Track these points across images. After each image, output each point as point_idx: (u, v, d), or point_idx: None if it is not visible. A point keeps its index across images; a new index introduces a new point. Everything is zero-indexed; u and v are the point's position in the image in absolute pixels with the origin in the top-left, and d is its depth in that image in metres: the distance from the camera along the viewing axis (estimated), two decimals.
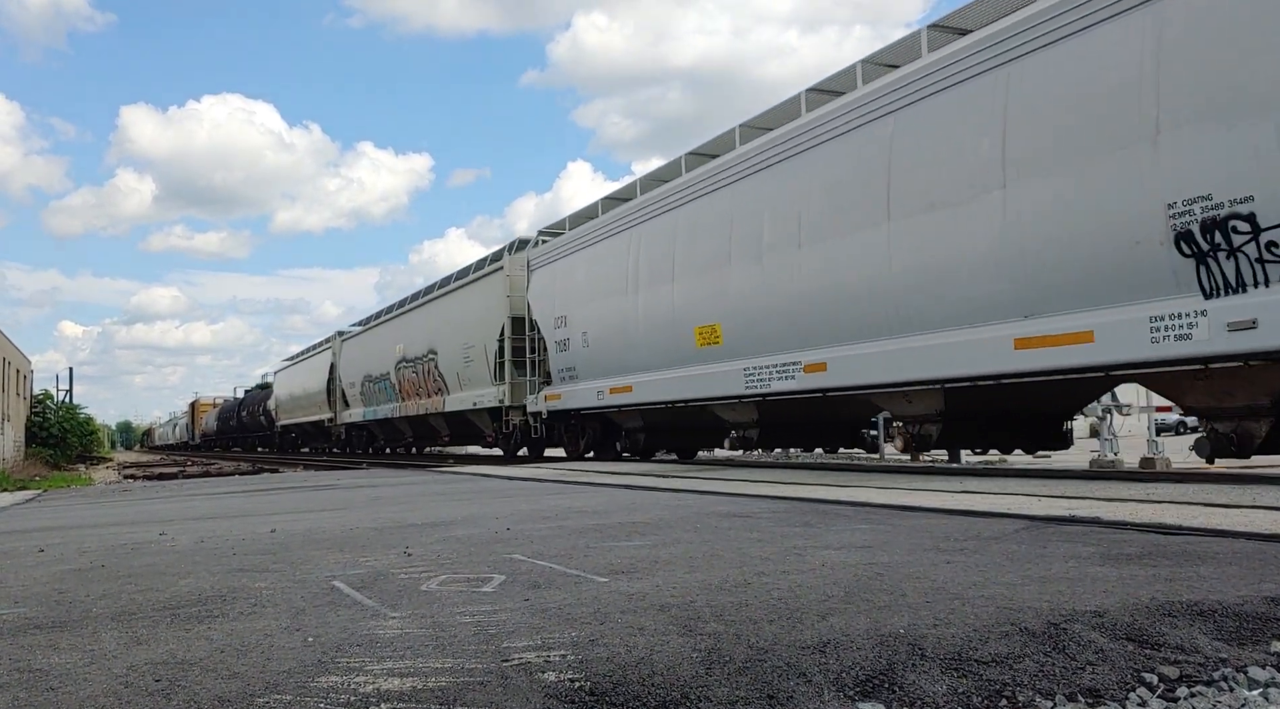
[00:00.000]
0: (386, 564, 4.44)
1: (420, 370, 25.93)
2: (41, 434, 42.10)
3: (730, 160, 13.30)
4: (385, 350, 29.33)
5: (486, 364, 21.23)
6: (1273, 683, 2.44)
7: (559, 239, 18.59)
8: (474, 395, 21.97)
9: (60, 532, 7.07)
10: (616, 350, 15.85)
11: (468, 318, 22.50)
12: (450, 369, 23.67)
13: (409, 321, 27.55)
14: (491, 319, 20.96)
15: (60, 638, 3.06)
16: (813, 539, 4.81)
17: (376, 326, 31.19)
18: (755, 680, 2.37)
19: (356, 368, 32.78)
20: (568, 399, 17.78)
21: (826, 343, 11.28)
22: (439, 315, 24.86)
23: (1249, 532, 4.41)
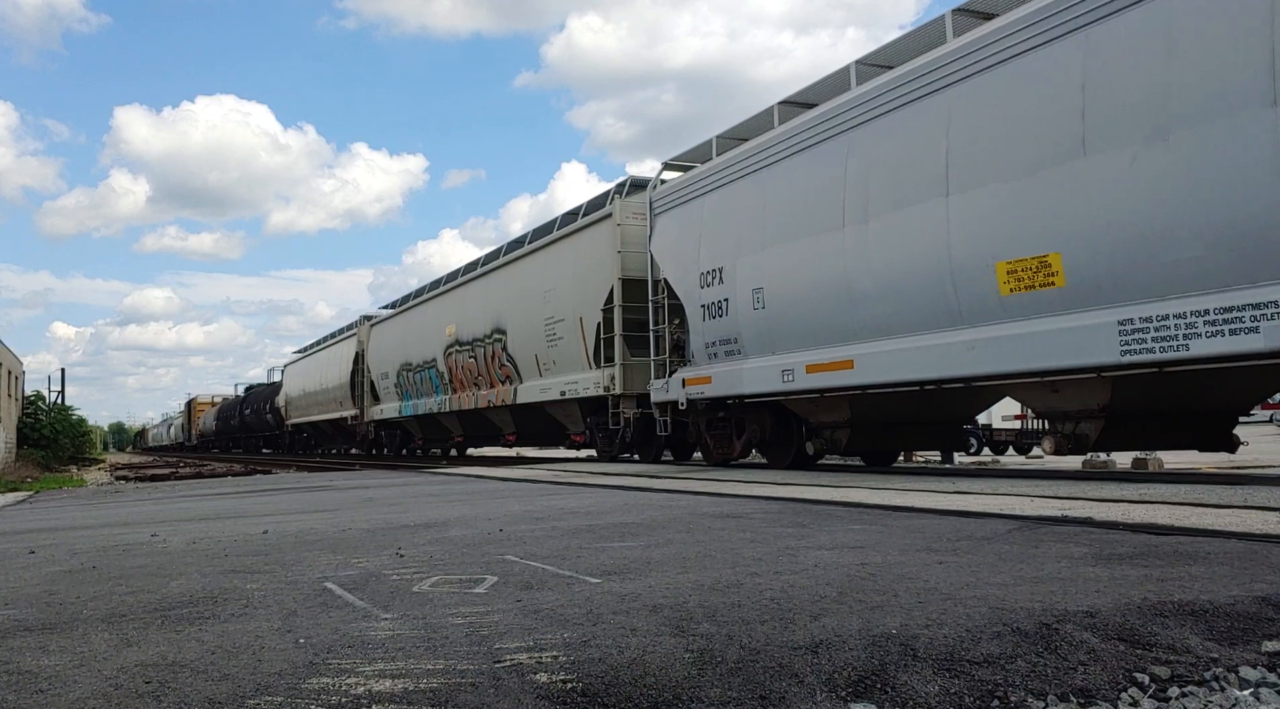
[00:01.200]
0: (379, 565, 4.43)
1: (480, 355, 21.46)
2: (33, 436, 41.94)
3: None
4: (429, 334, 24.88)
5: (582, 342, 16.70)
6: (1264, 683, 2.45)
7: (699, 170, 13.60)
8: (562, 383, 17.58)
9: (51, 533, 7.04)
10: (820, 311, 10.99)
11: (556, 285, 17.86)
12: (525, 351, 19.15)
13: (464, 297, 22.84)
14: (592, 284, 16.41)
15: (50, 640, 3.04)
16: (805, 539, 4.81)
17: (417, 306, 26.38)
18: (747, 681, 2.37)
19: (390, 356, 28.23)
20: (724, 383, 12.84)
21: None
22: (510, 285, 20.13)
23: (1241, 532, 4.42)
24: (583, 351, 16.84)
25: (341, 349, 33.54)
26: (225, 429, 60.63)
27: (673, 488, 9.19)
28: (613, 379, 15.80)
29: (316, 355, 37.71)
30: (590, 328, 16.49)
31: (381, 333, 29.73)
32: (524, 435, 22.33)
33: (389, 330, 28.97)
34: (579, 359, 16.95)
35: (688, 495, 8.18)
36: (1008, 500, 6.47)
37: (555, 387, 17.90)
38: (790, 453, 12.84)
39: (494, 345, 20.67)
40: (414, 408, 26.31)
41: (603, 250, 16.15)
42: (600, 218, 16.46)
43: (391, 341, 28.35)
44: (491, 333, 20.79)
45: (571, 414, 18.14)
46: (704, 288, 13.21)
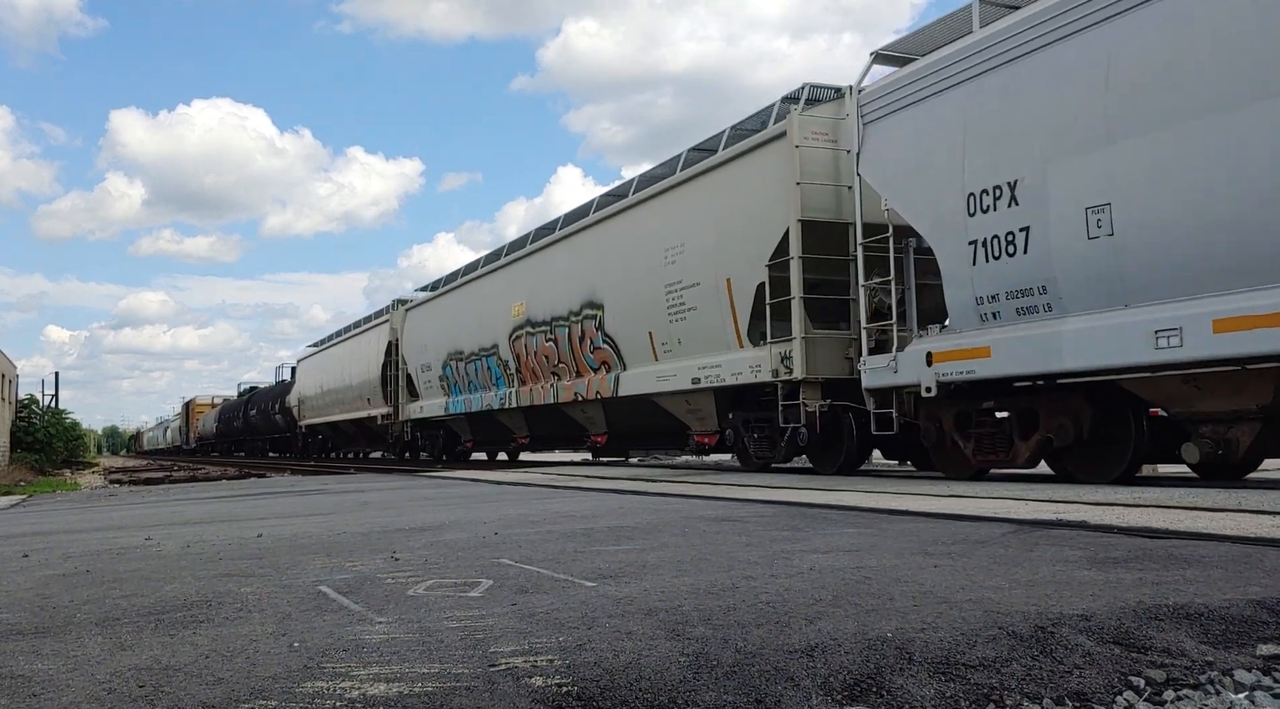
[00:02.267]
0: (373, 569, 4.42)
1: (563, 337, 17.33)
2: (27, 439, 41.85)
3: None
4: (488, 315, 20.61)
5: (730, 313, 12.63)
6: (1259, 686, 2.45)
7: (952, 50, 9.40)
8: (694, 367, 13.44)
9: (45, 537, 7.02)
10: (1237, 231, 7.01)
11: (685, 239, 13.62)
12: (632, 329, 15.08)
13: (537, 267, 18.54)
14: (748, 234, 12.16)
15: (43, 644, 3.03)
16: (800, 543, 4.81)
17: (469, 284, 22.15)
18: (743, 684, 2.36)
19: (433, 344, 24.09)
20: (1016, 354, 8.71)
21: None
22: (609, 247, 15.90)
23: (1235, 535, 4.43)
24: (729, 325, 12.64)
25: (369, 339, 29.30)
26: (227, 431, 57.36)
27: (668, 492, 9.19)
28: (786, 359, 11.41)
29: (337, 348, 33.60)
30: (744, 293, 12.26)
31: (421, 318, 25.42)
32: (619, 436, 17.83)
33: (431, 315, 24.66)
34: (721, 335, 12.83)
35: (683, 499, 8.17)
36: (1003, 504, 6.48)
37: (683, 373, 13.71)
38: (1122, 459, 8.60)
39: (584, 324, 16.49)
40: (465, 404, 22.24)
41: (769, 185, 11.79)
42: (766, 140, 11.94)
43: (434, 327, 24.17)
44: (580, 309, 16.57)
45: (701, 409, 14.06)
46: (974, 215, 9.02)
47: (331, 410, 33.79)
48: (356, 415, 30.55)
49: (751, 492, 8.68)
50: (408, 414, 26.47)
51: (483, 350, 21.11)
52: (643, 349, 14.93)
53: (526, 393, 19.21)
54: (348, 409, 31.68)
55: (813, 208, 11.32)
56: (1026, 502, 6.58)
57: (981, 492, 7.69)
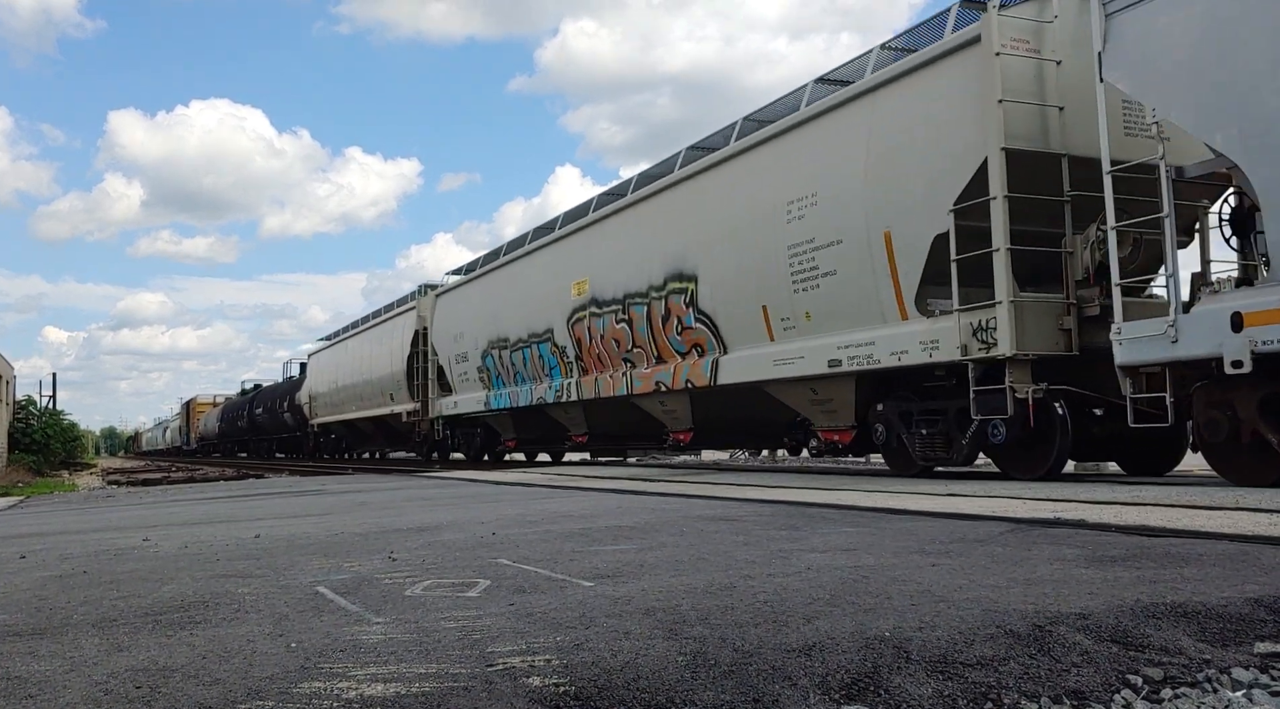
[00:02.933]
0: (371, 569, 4.41)
1: (640, 316, 14.69)
2: (24, 441, 41.81)
3: None
4: (540, 296, 18.04)
5: (890, 275, 9.97)
6: (1256, 684, 2.45)
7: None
8: (833, 346, 10.73)
9: (42, 538, 7.01)
10: None
11: (819, 186, 10.88)
12: (740, 303, 12.37)
13: (604, 237, 15.99)
14: (919, 171, 9.63)
15: (40, 645, 3.03)
16: (798, 542, 4.81)
17: (514, 261, 19.41)
18: (740, 684, 2.36)
19: (470, 332, 21.37)
20: None
21: None
22: (707, 205, 13.16)
23: (1232, 533, 4.43)
24: (885, 292, 10.00)
25: (393, 329, 26.62)
26: (230, 431, 54.57)
27: (666, 491, 9.18)
28: (984, 332, 8.90)
29: (354, 340, 30.82)
30: (913, 250, 9.65)
31: (454, 304, 22.63)
32: (709, 432, 15.13)
33: (467, 299, 21.87)
34: (872, 305, 10.19)
35: (681, 499, 8.17)
36: (1001, 502, 6.48)
37: (814, 354, 11.00)
38: None
39: (669, 300, 13.90)
40: (510, 398, 19.54)
41: (953, 107, 9.35)
42: (949, 50, 9.44)
43: (472, 313, 21.32)
44: (665, 283, 13.95)
45: (833, 399, 11.28)
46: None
47: (347, 407, 31.17)
48: (376, 412, 27.93)
49: (749, 491, 8.67)
50: (438, 410, 23.68)
51: (533, 336, 18.33)
52: (752, 327, 12.20)
53: (589, 383, 16.47)
54: (366, 406, 29.01)
55: (1016, 135, 8.82)
56: (1025, 500, 6.58)
57: (980, 490, 7.69)
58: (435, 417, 23.95)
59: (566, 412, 18.24)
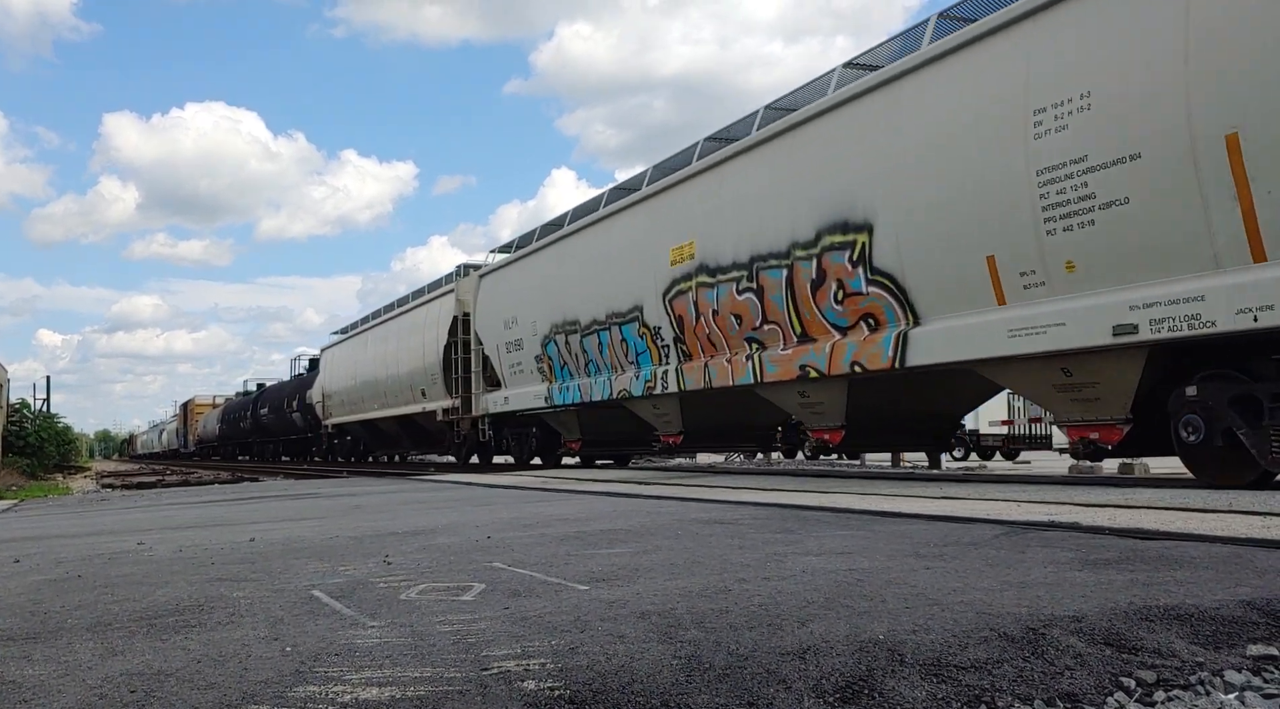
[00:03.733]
0: (366, 573, 4.41)
1: (777, 284, 11.40)
2: (18, 443, 41.72)
3: None
4: (621, 267, 14.82)
5: (1226, 197, 6.94)
6: (1249, 686, 2.46)
7: None
8: (1114, 306, 7.69)
9: (36, 542, 7.00)
10: None
11: (1086, 85, 7.81)
12: (946, 253, 9.19)
13: (717, 188, 12.64)
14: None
15: (34, 649, 3.02)
16: (793, 545, 4.81)
17: (583, 231, 16.20)
18: (735, 687, 2.37)
19: (525, 316, 17.94)
20: None
21: None
22: (888, 129, 9.81)
23: (1225, 536, 4.45)
24: (1224, 220, 7.01)
25: (425, 317, 23.54)
26: (232, 433, 51.35)
27: (661, 494, 9.19)
28: None
29: (377, 331, 27.80)
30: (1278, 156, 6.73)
31: (504, 284, 19.05)
32: (868, 431, 11.86)
33: (521, 278, 18.37)
34: (1200, 243, 7.19)
35: (676, 501, 8.17)
36: (994, 506, 6.49)
37: (1088, 317, 7.90)
38: None
39: (825, 258, 10.63)
40: (580, 391, 16.33)
41: None
42: None
43: (527, 294, 17.95)
44: (817, 237, 10.70)
45: (1100, 382, 8.30)
46: None
47: (367, 406, 28.06)
48: (403, 411, 24.87)
49: (744, 494, 8.68)
50: (484, 407, 20.23)
51: (613, 317, 14.99)
52: (967, 287, 9.02)
53: (695, 371, 13.17)
54: (390, 403, 25.92)
55: None
56: (1019, 503, 6.59)
57: (974, 493, 7.70)
58: (481, 414, 20.39)
59: (656, 407, 14.87)
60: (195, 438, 63.29)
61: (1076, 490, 7.67)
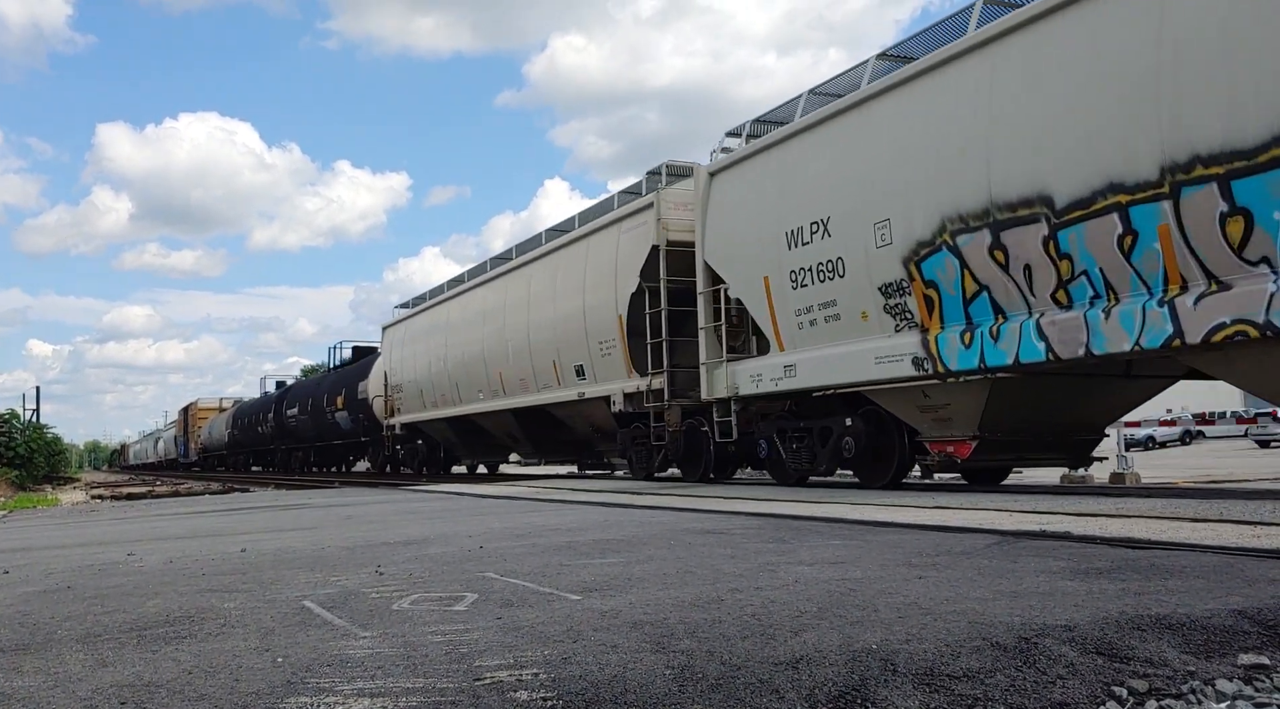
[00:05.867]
0: (358, 583, 4.40)
1: None
2: (7, 454, 41.51)
3: None
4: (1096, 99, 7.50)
5: None
6: (1240, 695, 2.46)
7: None
8: None
9: (26, 553, 6.96)
10: None
11: None
12: None
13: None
14: None
15: (24, 660, 3.01)
16: (786, 555, 4.81)
17: (947, 66, 9.06)
18: (728, 697, 2.36)
19: (846, 212, 10.20)
20: None
21: None
22: None
23: (1216, 545, 4.46)
24: None
25: (593, 254, 15.37)
26: (246, 439, 43.43)
27: (653, 505, 9.18)
28: None
29: (482, 291, 19.74)
30: None
31: (766, 179, 11.60)
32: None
33: (804, 164, 10.99)
34: None
35: (668, 512, 8.17)
36: (987, 515, 6.50)
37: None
38: None
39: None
40: (1036, 338, 8.25)
41: None
42: None
43: (827, 188, 10.59)
44: None
45: None
46: None
47: (464, 397, 20.34)
48: (538, 400, 17.19)
49: (737, 504, 8.68)
50: (727, 384, 12.29)
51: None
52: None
53: None
54: (510, 391, 18.27)
55: None
56: (1011, 513, 6.60)
57: (966, 503, 7.71)
58: (719, 397, 12.44)
59: None
60: (198, 446, 55.71)
61: (1068, 500, 7.69)
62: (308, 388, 35.86)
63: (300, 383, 41.16)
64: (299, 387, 38.64)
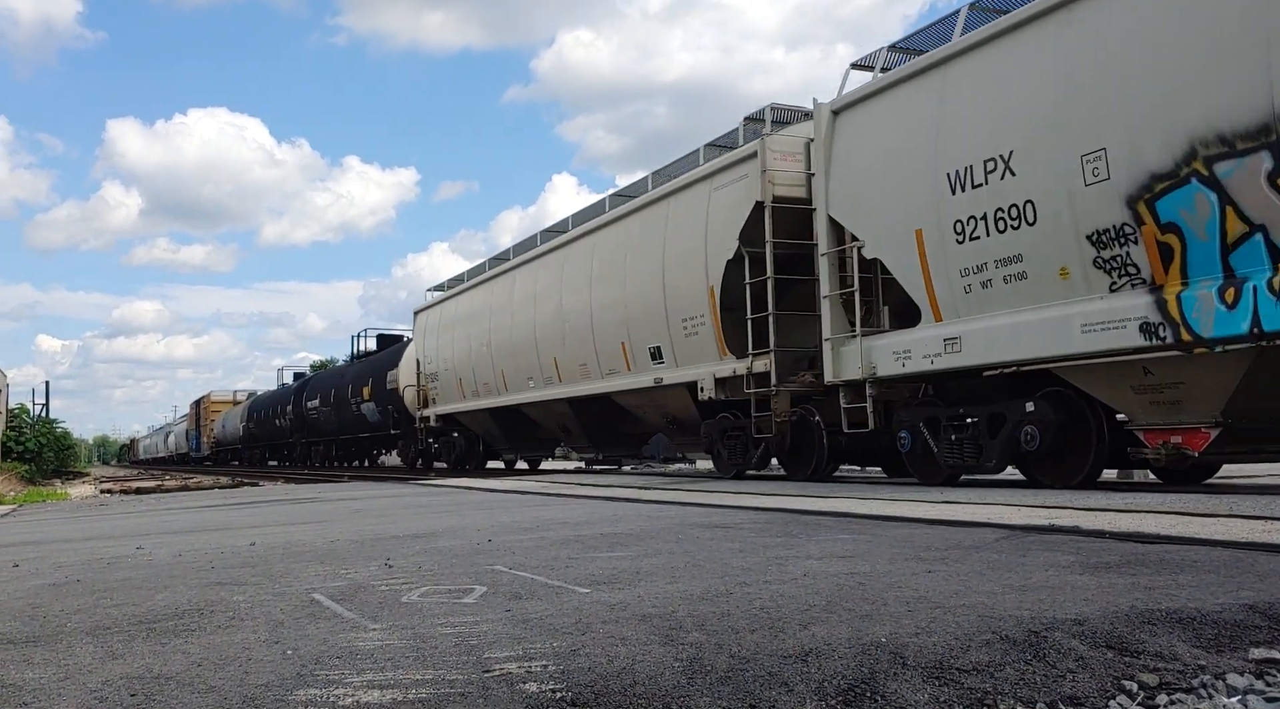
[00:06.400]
0: (367, 576, 4.41)
1: None
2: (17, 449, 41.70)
3: None
4: None
5: None
6: (1251, 689, 2.45)
7: None
8: None
9: (35, 547, 6.99)
10: None
11: None
12: None
13: None
14: None
15: (34, 653, 3.02)
16: (794, 549, 4.81)
17: None
18: (737, 690, 2.36)
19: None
20: None
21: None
22: None
23: (1226, 540, 4.44)
24: None
25: (677, 216, 13.32)
26: (262, 433, 42.26)
27: (662, 499, 9.18)
28: None
29: (534, 267, 17.77)
30: None
31: (956, 99, 9.05)
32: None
33: (1027, 67, 8.28)
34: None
35: (676, 506, 8.17)
36: (996, 510, 6.49)
37: None
38: None
39: None
40: None
41: None
42: None
43: None
44: None
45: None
46: None
47: (511, 385, 18.51)
48: (598, 388, 15.38)
49: (744, 499, 8.67)
50: (861, 363, 10.18)
51: None
52: None
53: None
54: (560, 381, 16.59)
55: None
56: (1020, 507, 6.58)
57: (975, 497, 7.69)
58: (854, 379, 10.25)
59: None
60: (211, 440, 54.79)
61: (1077, 495, 7.66)
62: (330, 378, 34.27)
63: (322, 373, 39.62)
64: (320, 377, 37.25)
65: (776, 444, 11.90)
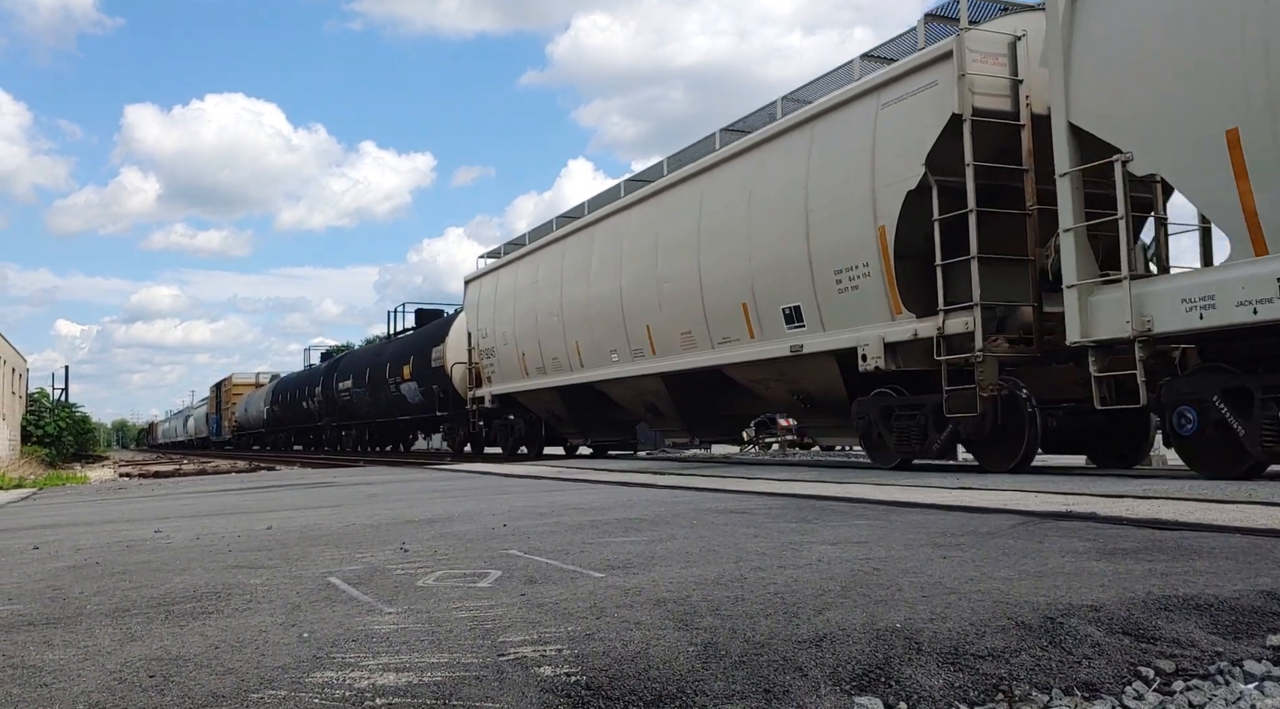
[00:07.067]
0: (383, 560, 4.43)
1: None
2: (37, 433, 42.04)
3: None
4: None
5: None
6: (1269, 676, 2.44)
7: None
8: None
9: (55, 529, 7.05)
10: None
11: None
12: None
13: None
14: None
15: (54, 634, 3.05)
16: (809, 535, 4.80)
17: None
18: (751, 674, 2.36)
19: None
20: None
21: None
22: None
23: (1244, 527, 4.41)
24: None
25: (811, 151, 11.01)
26: (287, 416, 40.02)
27: (676, 484, 9.19)
28: None
29: (610, 225, 15.61)
30: None
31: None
32: None
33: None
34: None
35: (691, 491, 8.17)
36: (1011, 496, 6.46)
37: None
38: None
39: None
40: None
41: None
42: None
43: None
44: None
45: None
46: None
47: (588, 361, 16.26)
48: (707, 361, 13.09)
49: (759, 484, 8.67)
50: (1130, 316, 7.61)
51: None
52: None
53: None
54: (654, 353, 14.35)
55: None
56: (1036, 493, 6.56)
57: (990, 484, 7.67)
58: (1117, 337, 7.84)
59: None
60: (232, 424, 52.78)
61: (1093, 481, 7.63)
62: (364, 357, 31.57)
63: (355, 352, 36.78)
64: (353, 356, 34.52)
65: (976, 426, 9.36)
